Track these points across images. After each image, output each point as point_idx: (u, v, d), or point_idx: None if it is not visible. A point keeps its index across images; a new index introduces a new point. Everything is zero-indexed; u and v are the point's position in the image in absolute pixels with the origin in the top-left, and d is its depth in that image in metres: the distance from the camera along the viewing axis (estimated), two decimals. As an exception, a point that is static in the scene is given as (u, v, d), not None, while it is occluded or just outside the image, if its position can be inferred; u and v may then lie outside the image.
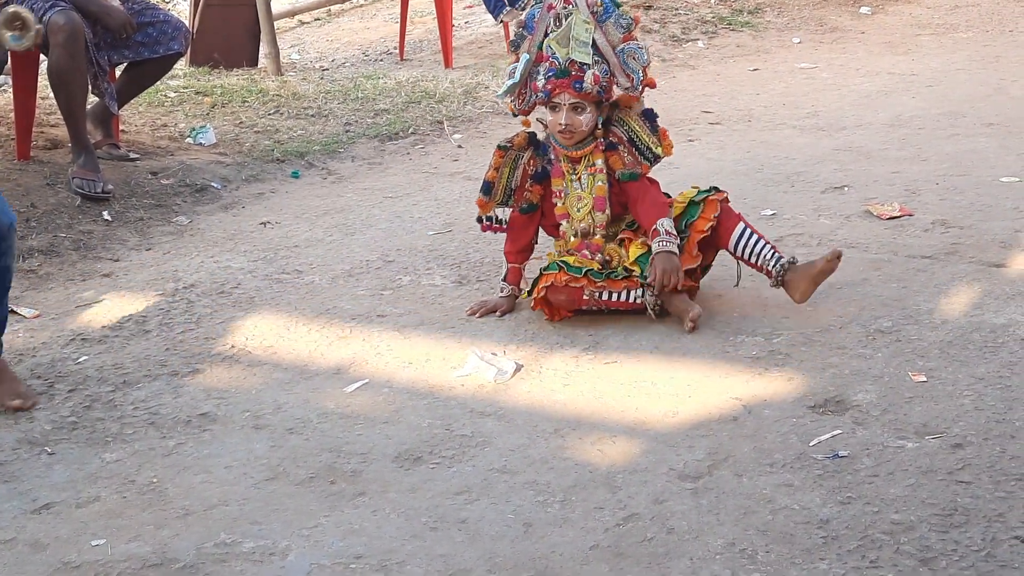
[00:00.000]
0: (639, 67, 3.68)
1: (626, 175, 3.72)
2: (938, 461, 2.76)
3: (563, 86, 3.62)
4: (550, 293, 3.61)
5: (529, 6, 3.78)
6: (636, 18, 3.74)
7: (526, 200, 3.80)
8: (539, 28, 3.69)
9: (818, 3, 9.37)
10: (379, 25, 9.17)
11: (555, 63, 3.64)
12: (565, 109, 3.64)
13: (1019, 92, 6.49)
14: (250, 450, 3.02)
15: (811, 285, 3.60)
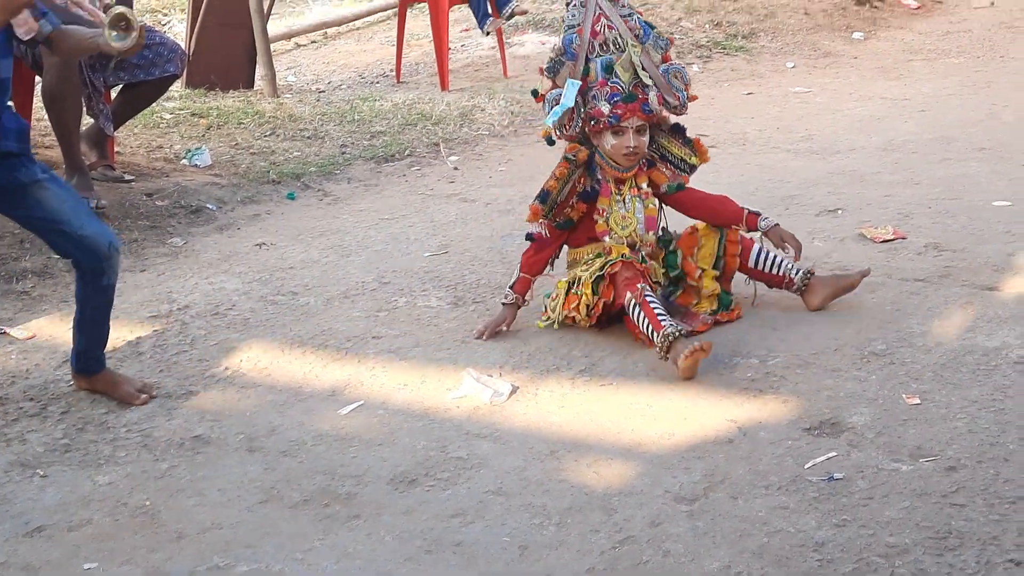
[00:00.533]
0: (683, 85, 3.79)
1: (673, 187, 3.86)
2: (932, 484, 2.76)
3: (633, 110, 3.70)
4: (623, 267, 3.60)
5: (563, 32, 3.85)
6: (671, 39, 3.88)
7: (565, 216, 3.81)
8: (580, 53, 3.75)
9: (812, 28, 9.41)
10: (376, 48, 9.19)
11: (618, 87, 3.71)
12: (632, 132, 3.70)
13: (1010, 117, 6.52)
14: (244, 473, 3.02)
15: (830, 296, 3.80)
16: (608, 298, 3.61)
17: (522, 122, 6.78)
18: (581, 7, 3.79)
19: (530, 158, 6.11)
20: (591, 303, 3.65)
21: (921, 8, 10.35)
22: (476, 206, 5.27)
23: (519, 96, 7.24)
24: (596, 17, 3.77)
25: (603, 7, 3.77)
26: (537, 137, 6.40)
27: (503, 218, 5.04)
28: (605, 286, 3.62)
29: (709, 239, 3.85)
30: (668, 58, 3.82)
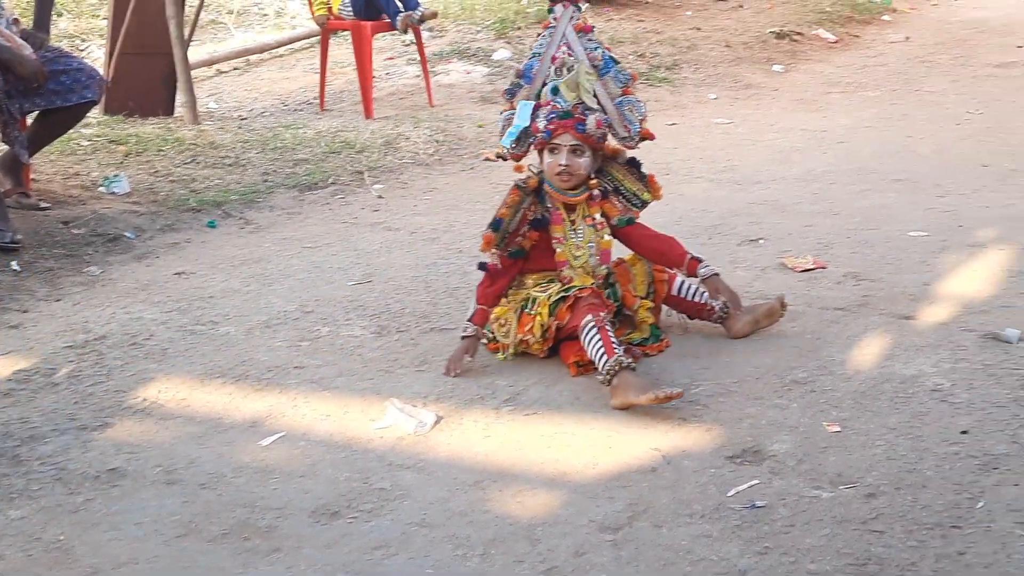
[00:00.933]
0: (637, 119, 3.82)
1: (623, 220, 3.85)
2: (852, 511, 2.79)
3: (566, 127, 3.69)
4: (591, 294, 3.61)
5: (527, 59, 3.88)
6: (634, 75, 3.91)
7: (517, 245, 3.79)
8: (537, 77, 3.79)
9: (733, 60, 9.55)
10: (299, 75, 9.16)
11: (557, 106, 3.71)
12: (565, 151, 3.70)
13: (925, 149, 6.65)
14: (161, 506, 2.96)
15: (752, 324, 3.85)
16: (563, 320, 3.62)
17: (447, 151, 6.79)
18: (549, 36, 3.82)
19: (455, 187, 6.12)
20: (547, 324, 3.65)
21: (839, 42, 10.55)
22: (401, 235, 5.25)
23: (444, 125, 7.26)
24: (560, 45, 3.80)
25: (569, 37, 3.80)
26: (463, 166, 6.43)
27: (428, 247, 5.03)
28: (564, 308, 3.62)
29: (638, 267, 3.89)
30: (628, 92, 3.83)
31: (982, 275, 4.40)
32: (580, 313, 3.56)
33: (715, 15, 10.82)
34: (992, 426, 3.18)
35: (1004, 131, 7.02)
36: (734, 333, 3.85)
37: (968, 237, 4.89)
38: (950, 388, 3.43)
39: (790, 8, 11.32)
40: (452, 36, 9.69)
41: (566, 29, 3.80)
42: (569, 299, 3.62)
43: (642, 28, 9.99)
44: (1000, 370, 3.54)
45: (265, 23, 12.19)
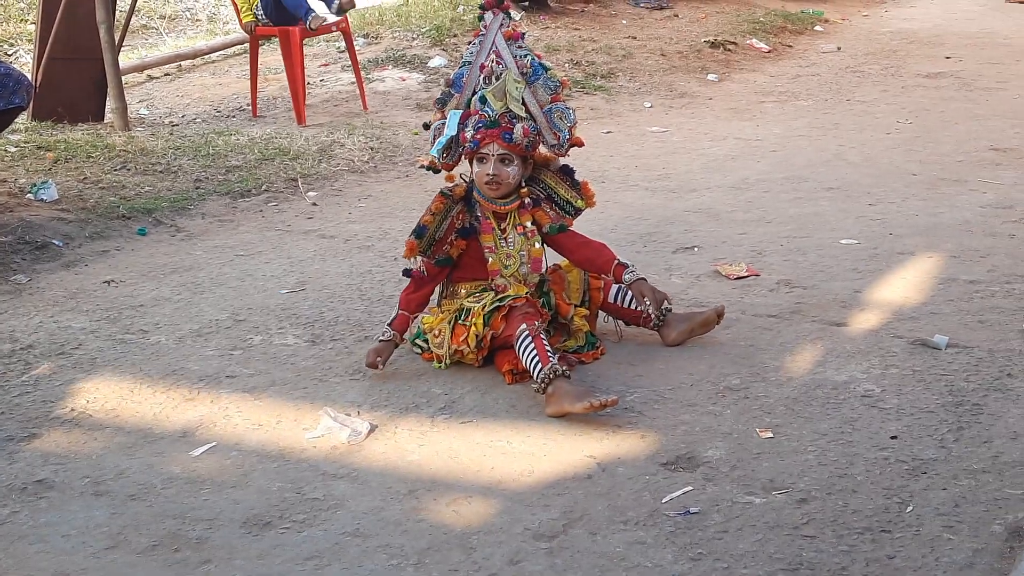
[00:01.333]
0: (566, 126, 3.80)
1: (555, 228, 3.84)
2: (784, 516, 2.81)
3: (493, 136, 3.69)
4: (526, 303, 3.61)
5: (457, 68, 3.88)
6: (564, 81, 3.88)
7: (444, 253, 3.78)
8: (467, 86, 3.78)
9: (668, 69, 9.61)
10: (231, 81, 9.08)
11: (485, 115, 3.70)
12: (493, 160, 3.69)
13: (856, 158, 6.73)
14: (89, 518, 2.91)
15: (687, 332, 3.86)
16: (498, 329, 3.61)
17: (382, 158, 6.76)
18: (479, 44, 3.82)
19: (390, 194, 6.10)
20: (481, 334, 3.64)
21: (772, 52, 10.66)
22: (335, 242, 5.22)
23: (379, 132, 7.23)
24: (490, 53, 3.79)
25: (498, 44, 3.79)
26: (398, 173, 6.41)
27: (362, 254, 5.00)
28: (499, 318, 3.61)
29: (574, 274, 3.90)
30: (557, 99, 3.82)
31: (911, 282, 4.46)
32: (514, 323, 3.56)
33: (650, 24, 10.90)
34: (921, 431, 3.22)
35: (933, 141, 7.13)
36: (669, 341, 3.87)
37: (898, 245, 4.95)
38: (880, 394, 3.47)
39: (724, 18, 11.43)
40: (388, 43, 9.66)
41: (496, 36, 3.79)
42: (503, 309, 3.61)
43: (578, 36, 10.04)
44: (929, 376, 3.59)
45: (197, 28, 12.12)
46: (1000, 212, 5.43)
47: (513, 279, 3.78)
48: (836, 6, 13.35)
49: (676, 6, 11.74)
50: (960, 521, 2.76)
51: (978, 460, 3.05)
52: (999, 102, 8.40)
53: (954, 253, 4.80)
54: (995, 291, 4.32)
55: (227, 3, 11.29)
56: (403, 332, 3.78)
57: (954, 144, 7.00)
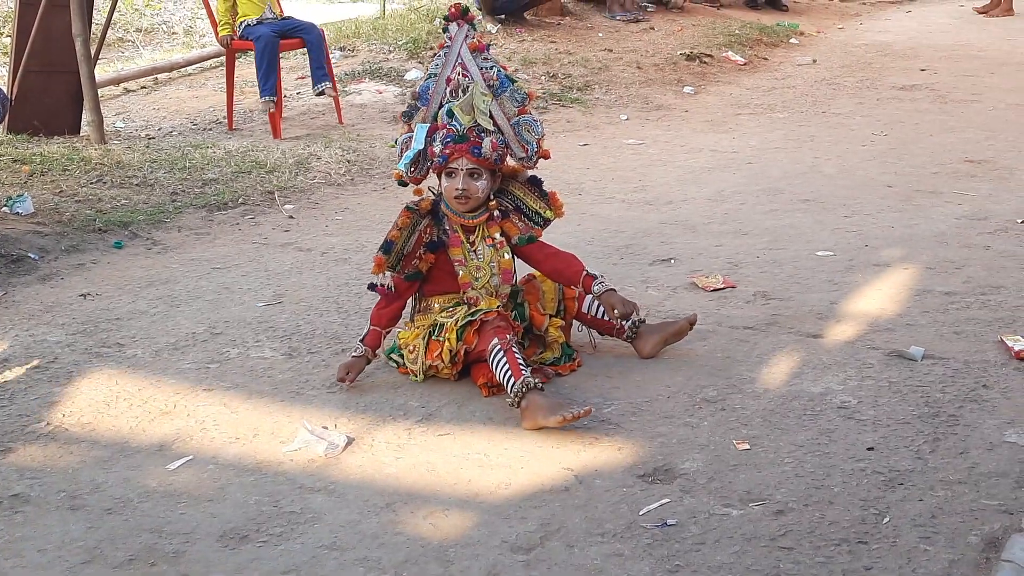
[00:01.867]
0: (534, 139, 3.81)
1: (524, 239, 3.85)
2: (762, 528, 2.81)
3: (461, 151, 3.68)
4: (497, 317, 3.60)
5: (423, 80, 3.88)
6: (531, 93, 3.90)
7: (413, 267, 3.77)
8: (434, 99, 3.76)
9: (644, 82, 9.64)
10: (208, 94, 9.07)
11: (453, 129, 3.69)
12: (462, 174, 3.69)
13: (831, 170, 6.76)
14: (66, 532, 2.90)
15: (660, 343, 3.86)
16: (471, 344, 3.60)
17: (359, 170, 6.76)
18: (444, 56, 3.81)
19: (367, 207, 6.09)
20: (455, 349, 3.63)
21: (748, 64, 10.71)
22: (312, 255, 5.21)
23: (355, 145, 7.23)
24: (456, 66, 3.78)
25: (464, 57, 3.78)
26: (375, 186, 6.41)
27: (339, 267, 5.00)
28: (471, 332, 3.60)
29: (548, 285, 3.91)
30: (524, 111, 3.82)
31: (887, 294, 4.48)
32: (487, 337, 3.56)
33: (626, 37, 10.93)
34: (897, 442, 3.24)
35: (908, 152, 7.18)
36: (644, 353, 3.87)
37: (873, 256, 4.98)
38: (857, 405, 3.49)
39: (700, 31, 11.47)
40: (364, 56, 9.67)
41: (461, 48, 3.79)
42: (475, 323, 3.61)
43: (554, 49, 10.06)
44: (905, 387, 3.61)
45: (174, 41, 12.09)
46: (975, 224, 5.46)
47: (484, 291, 3.78)
48: (811, 19, 13.43)
49: (652, 19, 11.78)
50: (937, 532, 2.77)
51: (954, 471, 3.07)
52: (974, 114, 8.46)
53: (929, 265, 4.83)
54: (970, 302, 4.35)
55: (204, 16, 11.26)
56: (375, 348, 3.78)
57: (929, 156, 7.04)
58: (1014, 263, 4.81)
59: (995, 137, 7.55)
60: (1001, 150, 7.14)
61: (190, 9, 13.08)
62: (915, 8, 15.28)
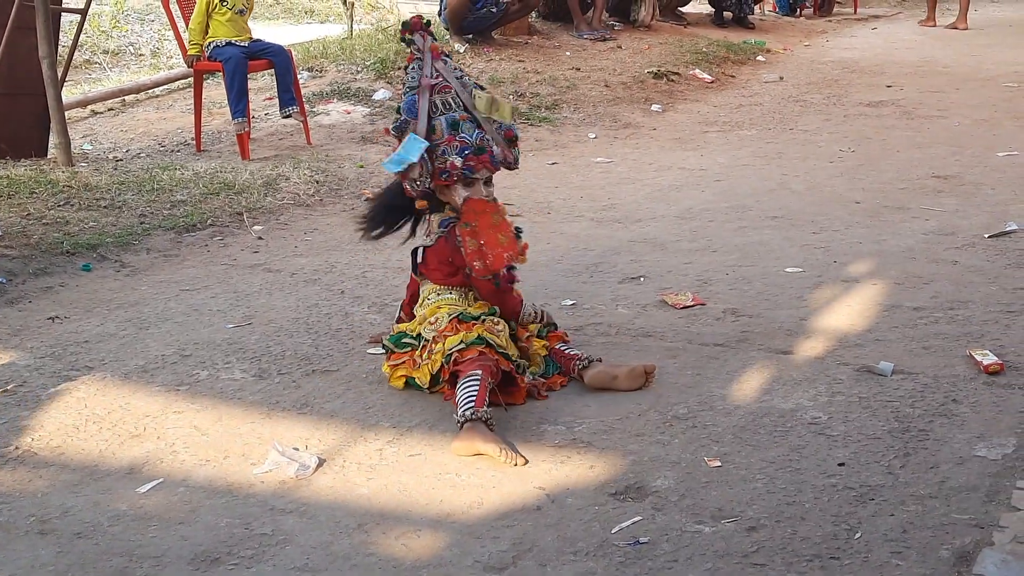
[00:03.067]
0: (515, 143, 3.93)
1: None
2: (734, 544, 2.82)
3: (484, 162, 3.79)
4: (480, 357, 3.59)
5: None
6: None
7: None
8: (422, 111, 3.80)
9: (612, 100, 9.67)
10: (175, 116, 9.03)
11: (466, 141, 3.77)
12: (480, 183, 3.82)
13: (799, 187, 6.80)
14: (35, 557, 2.87)
15: (605, 377, 3.78)
16: (456, 369, 3.61)
17: (327, 191, 6.75)
18: (419, 69, 3.85)
19: (336, 227, 6.08)
20: (434, 373, 3.69)
21: (715, 82, 10.77)
22: (281, 276, 5.19)
23: (324, 165, 7.21)
24: (434, 77, 3.84)
25: (439, 69, 3.85)
26: (344, 207, 6.39)
27: (308, 288, 4.98)
28: (462, 355, 3.62)
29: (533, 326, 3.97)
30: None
31: (856, 309, 4.51)
32: (471, 365, 3.56)
33: (594, 56, 10.97)
34: (868, 458, 3.25)
35: (875, 169, 7.23)
36: (588, 380, 3.79)
37: (842, 272, 5.01)
38: (827, 421, 3.50)
39: (667, 49, 11.53)
40: (332, 76, 9.66)
41: (433, 59, 3.87)
42: (466, 352, 3.60)
43: (522, 68, 10.08)
44: (875, 402, 3.63)
45: (141, 63, 12.04)
46: (943, 239, 5.51)
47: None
48: (778, 36, 13.53)
49: (619, 37, 11.83)
50: (908, 547, 2.78)
51: (925, 486, 3.08)
52: (940, 130, 8.54)
53: (898, 280, 4.86)
54: (939, 317, 4.38)
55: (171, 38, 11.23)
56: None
57: (896, 172, 7.10)
58: (981, 278, 4.85)
59: (961, 152, 7.62)
60: (968, 165, 7.21)
61: (157, 31, 13.04)
62: (880, 25, 15.43)
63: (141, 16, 13.60)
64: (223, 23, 7.71)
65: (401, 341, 3.85)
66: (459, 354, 3.61)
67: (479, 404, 3.42)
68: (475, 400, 3.43)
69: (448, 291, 3.89)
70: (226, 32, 7.71)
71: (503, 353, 3.65)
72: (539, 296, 4.71)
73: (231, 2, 7.69)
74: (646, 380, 3.79)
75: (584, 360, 3.82)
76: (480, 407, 3.41)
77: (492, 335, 3.68)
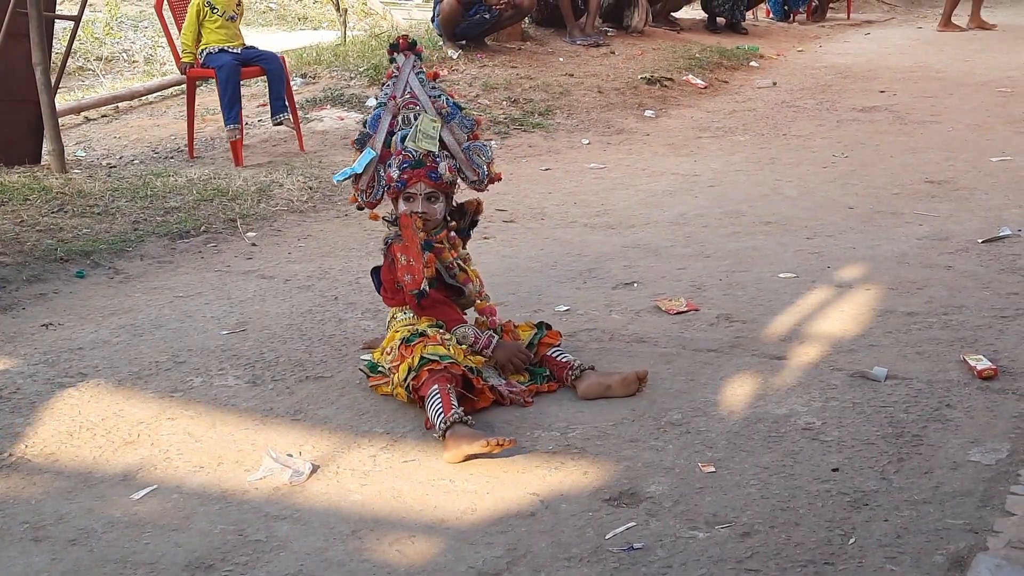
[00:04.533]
0: (484, 162, 3.96)
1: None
2: (728, 550, 2.82)
3: (419, 176, 3.81)
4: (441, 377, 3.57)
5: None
6: (479, 119, 4.06)
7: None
8: (383, 127, 3.90)
9: (605, 106, 9.68)
10: (169, 122, 9.03)
11: (409, 155, 3.81)
12: (420, 198, 3.81)
13: (793, 192, 6.81)
14: (29, 564, 2.87)
15: (599, 387, 3.77)
16: (418, 383, 3.60)
17: (321, 197, 6.75)
18: (392, 86, 3.95)
19: (330, 233, 6.08)
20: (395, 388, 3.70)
21: (709, 88, 10.78)
22: (275, 282, 5.19)
23: (318, 172, 7.22)
24: (404, 94, 3.93)
25: (412, 86, 3.93)
26: (337, 212, 6.40)
27: (302, 294, 4.98)
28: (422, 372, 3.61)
29: (526, 333, 3.98)
30: (476, 137, 3.98)
31: (850, 315, 4.51)
32: (426, 386, 3.56)
33: (587, 61, 10.98)
34: (862, 463, 3.25)
35: (868, 174, 7.24)
36: (581, 392, 3.78)
37: (835, 278, 5.01)
38: (821, 426, 3.50)
39: (660, 54, 11.54)
40: (325, 83, 9.67)
41: (408, 78, 3.95)
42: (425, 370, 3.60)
43: (515, 74, 10.09)
44: (869, 408, 3.63)
45: (134, 70, 12.05)
46: (936, 244, 5.51)
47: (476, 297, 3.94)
48: (771, 42, 13.54)
49: (612, 43, 11.84)
50: (902, 552, 2.78)
51: (919, 491, 3.08)
52: (933, 135, 8.55)
53: (891, 285, 4.86)
54: (933, 322, 4.39)
55: (164, 45, 11.24)
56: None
57: (890, 177, 7.11)
58: (975, 283, 4.86)
59: (955, 158, 7.63)
60: (961, 170, 7.22)
61: (150, 38, 13.04)
62: (874, 30, 15.46)
63: (134, 23, 13.61)
64: (214, 30, 7.72)
65: (376, 369, 3.87)
66: (414, 381, 3.61)
67: (447, 411, 3.43)
68: (443, 410, 3.44)
69: (402, 311, 3.90)
70: (218, 39, 7.72)
71: (450, 360, 3.63)
72: (532, 302, 4.72)
73: (220, 8, 7.71)
74: (639, 386, 3.79)
75: (576, 370, 3.81)
76: (448, 412, 3.42)
77: (436, 348, 3.65)
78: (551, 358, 3.89)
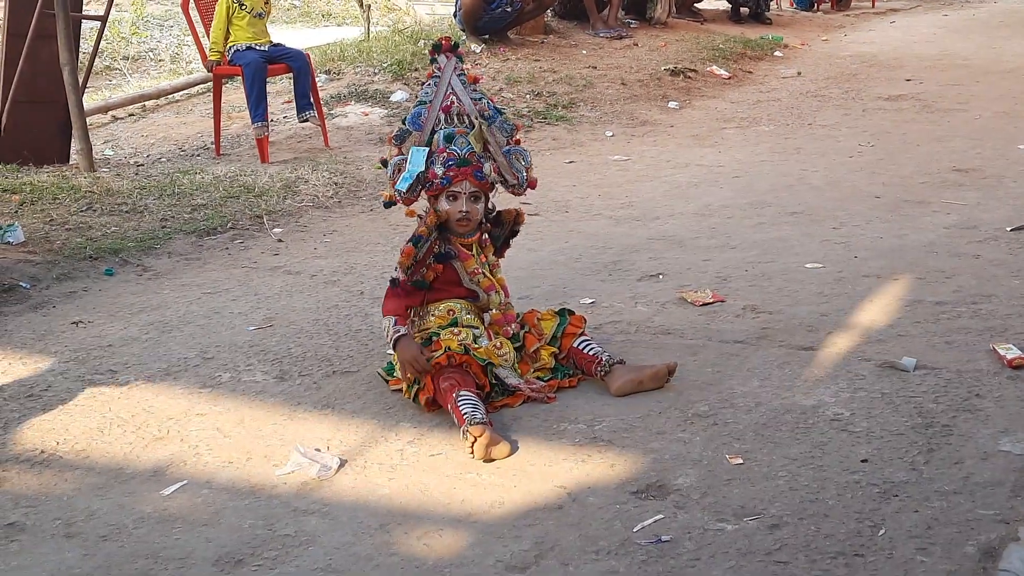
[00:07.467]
0: (523, 167, 3.93)
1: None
2: (756, 542, 2.81)
3: (465, 174, 3.78)
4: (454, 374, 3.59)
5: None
6: (518, 125, 4.04)
7: (421, 275, 3.79)
8: (427, 125, 3.86)
9: (629, 98, 9.67)
10: (195, 120, 9.08)
11: (454, 153, 3.79)
12: (464, 197, 3.78)
13: (818, 182, 6.78)
14: (61, 560, 2.89)
15: (632, 384, 3.75)
16: (430, 394, 3.62)
17: (346, 193, 6.77)
18: (434, 85, 3.90)
19: (355, 228, 6.10)
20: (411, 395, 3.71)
21: (732, 78, 10.75)
22: (301, 278, 5.21)
23: (343, 167, 7.24)
24: (447, 95, 3.89)
25: (455, 87, 3.89)
26: (362, 208, 6.42)
27: (329, 289, 5.00)
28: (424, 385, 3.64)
29: (547, 323, 3.94)
30: (517, 141, 3.95)
31: (877, 305, 4.49)
32: (439, 381, 3.59)
33: (610, 54, 10.96)
34: (891, 454, 3.24)
35: (894, 163, 7.20)
36: (613, 390, 3.77)
37: (863, 268, 4.99)
38: (850, 417, 3.49)
39: (683, 46, 11.51)
40: (349, 78, 9.69)
41: (451, 79, 3.90)
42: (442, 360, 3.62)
43: (538, 67, 10.09)
44: (898, 398, 3.61)
45: (161, 69, 12.11)
46: (964, 232, 5.48)
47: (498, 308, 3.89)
48: (795, 31, 13.49)
49: (635, 35, 11.83)
50: (933, 543, 2.77)
51: (949, 481, 3.07)
52: (960, 123, 8.50)
53: (919, 275, 4.84)
54: (961, 312, 4.36)
55: (190, 43, 11.28)
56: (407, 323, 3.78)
57: (916, 166, 7.07)
58: (1004, 271, 4.83)
59: (982, 145, 7.59)
60: (989, 158, 7.18)
61: (176, 36, 13.11)
62: (899, 18, 15.37)
63: (160, 22, 13.68)
64: (242, 27, 7.76)
65: (393, 372, 3.88)
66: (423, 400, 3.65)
67: (460, 422, 3.44)
68: (457, 421, 3.46)
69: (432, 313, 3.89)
70: (245, 36, 7.75)
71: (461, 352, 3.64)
72: (558, 295, 4.72)
73: (249, 6, 7.74)
74: (668, 378, 3.79)
75: (605, 365, 3.79)
76: (462, 423, 3.42)
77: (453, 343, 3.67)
78: (578, 351, 3.87)
